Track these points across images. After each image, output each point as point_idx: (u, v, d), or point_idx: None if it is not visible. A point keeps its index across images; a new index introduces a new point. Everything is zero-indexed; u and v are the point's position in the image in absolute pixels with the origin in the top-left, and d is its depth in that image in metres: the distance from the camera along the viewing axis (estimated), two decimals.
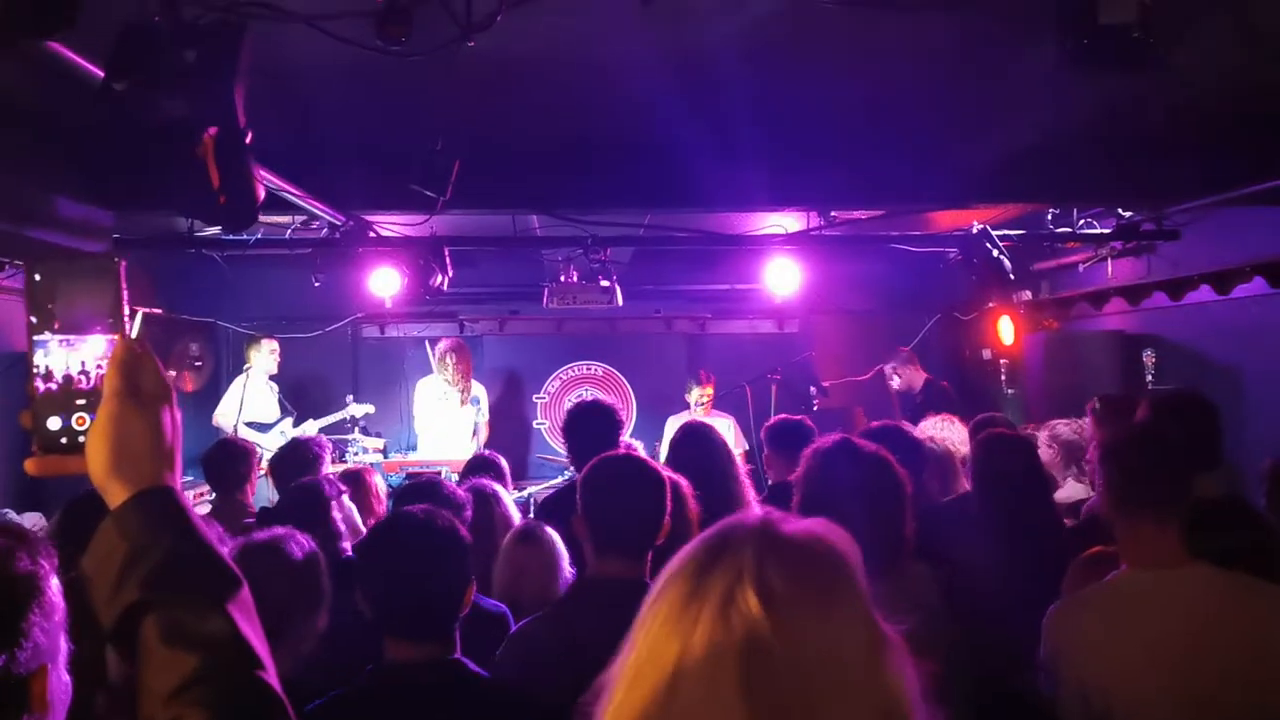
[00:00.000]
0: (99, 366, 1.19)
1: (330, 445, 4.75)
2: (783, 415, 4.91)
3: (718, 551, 1.02)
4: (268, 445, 7.23)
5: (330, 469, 4.64)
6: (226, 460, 4.75)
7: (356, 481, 4.13)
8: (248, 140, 1.99)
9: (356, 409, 8.12)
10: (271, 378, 8.15)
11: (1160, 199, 5.67)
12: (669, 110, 4.36)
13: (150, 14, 1.93)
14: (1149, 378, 7.26)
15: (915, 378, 7.90)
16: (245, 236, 6.20)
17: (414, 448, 8.50)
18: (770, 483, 4.88)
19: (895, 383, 7.94)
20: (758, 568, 0.98)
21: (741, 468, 4.14)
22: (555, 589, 3.34)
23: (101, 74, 1.96)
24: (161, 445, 1.14)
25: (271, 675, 1.09)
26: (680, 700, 0.95)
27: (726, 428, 7.30)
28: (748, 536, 1.02)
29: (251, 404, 7.91)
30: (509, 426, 8.59)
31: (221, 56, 1.90)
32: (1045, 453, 5.33)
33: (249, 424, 7.75)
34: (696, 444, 4.11)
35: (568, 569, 3.47)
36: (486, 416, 8.35)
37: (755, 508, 1.15)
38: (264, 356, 8.05)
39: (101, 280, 1.21)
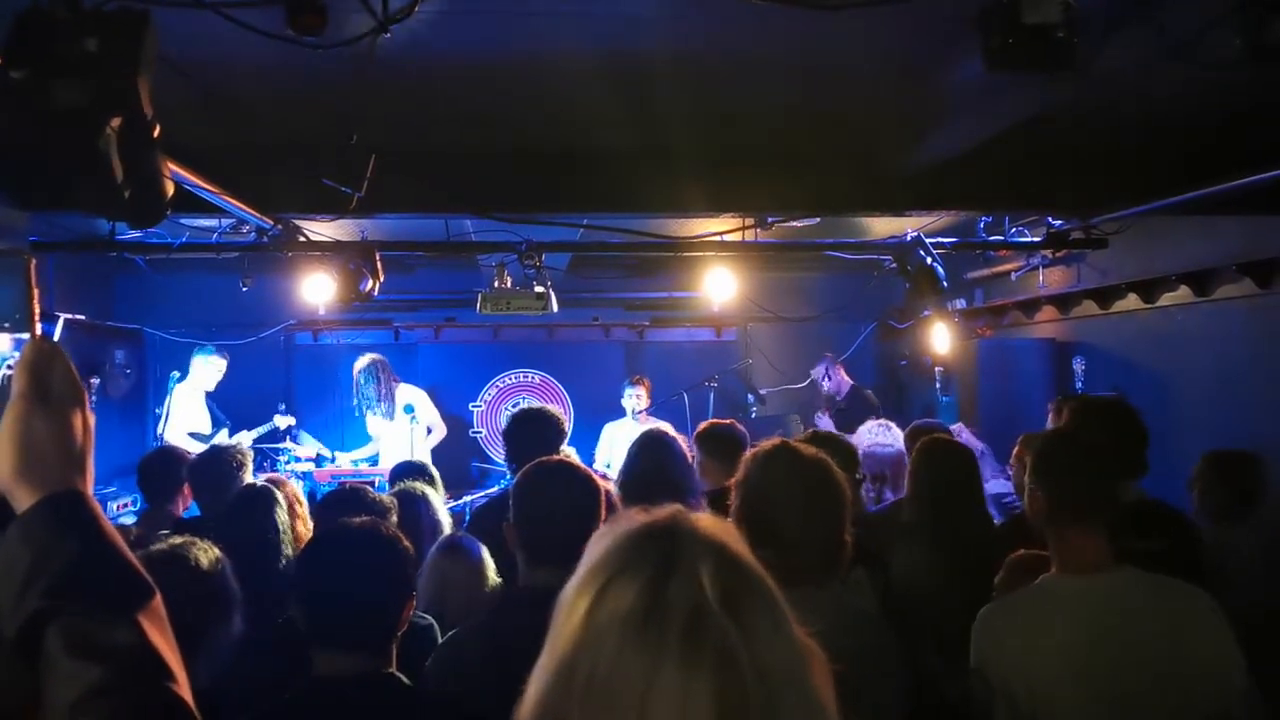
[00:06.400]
0: (6, 367, 1.14)
1: (252, 455, 4.62)
2: (713, 420, 4.82)
3: (662, 562, 1.00)
4: None
5: (252, 479, 4.52)
6: (154, 469, 4.61)
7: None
8: (155, 133, 1.92)
9: (280, 421, 7.99)
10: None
11: (1088, 208, 5.76)
12: (604, 115, 4.33)
13: None
14: (1079, 384, 7.39)
15: (842, 383, 8.18)
16: (170, 240, 6.05)
17: (346, 451, 8.43)
18: (706, 489, 4.79)
19: (826, 386, 8.25)
20: (719, 581, 0.98)
21: (698, 478, 4.07)
22: (481, 599, 3.28)
23: None
24: (71, 449, 1.10)
25: (183, 688, 1.04)
26: (653, 717, 0.93)
27: None
28: (697, 547, 1.01)
29: (183, 415, 7.72)
30: (445, 434, 8.50)
31: (125, 44, 1.83)
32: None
33: (190, 435, 7.57)
34: (654, 453, 4.01)
35: (493, 578, 3.42)
36: (434, 417, 8.35)
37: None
38: (207, 370, 7.86)
39: (8, 277, 1.16)
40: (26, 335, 1.15)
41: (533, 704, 1.01)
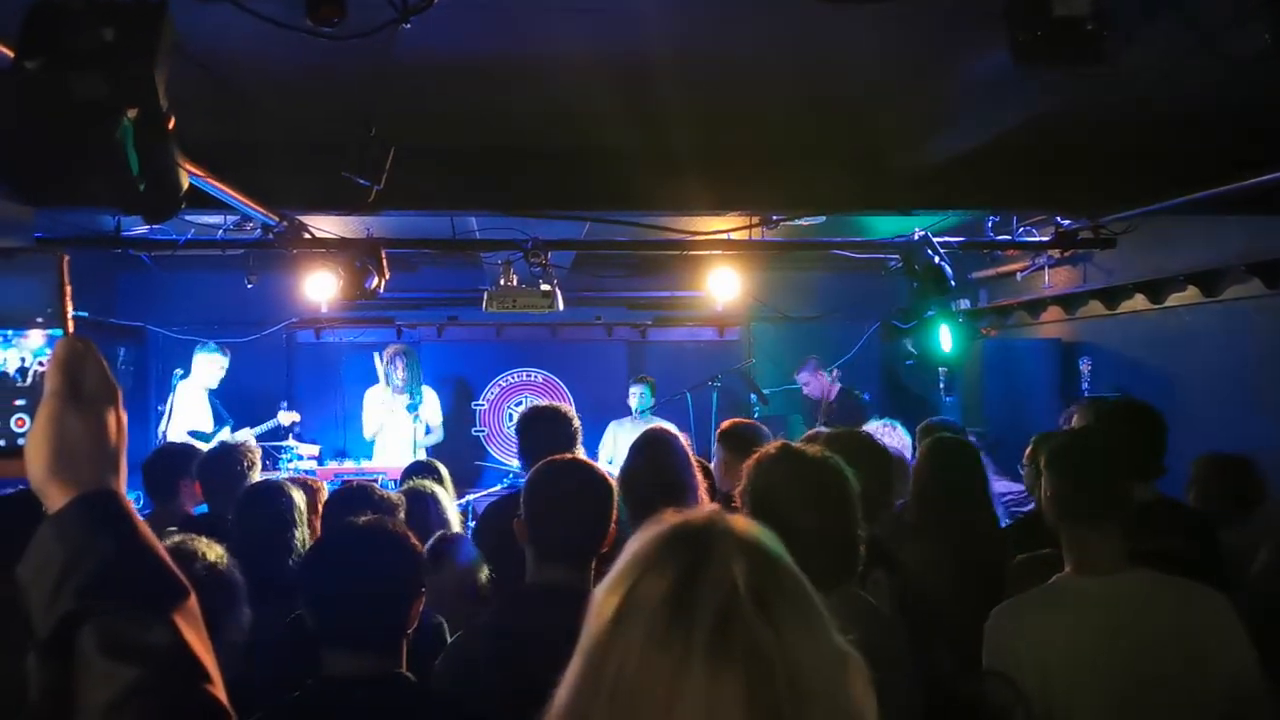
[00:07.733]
0: (39, 364, 1.13)
1: (261, 452, 4.60)
2: (736, 419, 4.77)
3: (694, 560, 0.98)
4: None
5: (259, 477, 4.49)
6: (157, 468, 4.58)
7: (306, 490, 3.99)
8: (171, 125, 1.90)
9: (284, 417, 7.96)
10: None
11: (1098, 207, 5.74)
12: (611, 113, 4.31)
13: None
14: (1085, 385, 7.37)
15: (827, 387, 8.09)
16: (175, 237, 6.04)
17: (348, 454, 8.37)
18: (724, 492, 4.71)
19: (807, 390, 8.17)
20: (752, 580, 0.96)
21: (699, 477, 4.03)
22: (475, 601, 3.27)
23: (11, 54, 1.85)
24: (104, 447, 1.08)
25: (218, 688, 1.03)
26: (679, 717, 0.91)
27: None
28: (731, 546, 0.99)
29: (185, 413, 7.69)
30: (447, 434, 8.48)
31: (141, 35, 1.81)
32: None
33: (191, 434, 7.54)
34: (656, 452, 3.97)
35: (483, 578, 3.41)
36: (437, 420, 8.31)
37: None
38: (209, 368, 7.82)
39: (41, 274, 1.15)
40: (60, 331, 1.14)
41: (562, 703, 0.99)
